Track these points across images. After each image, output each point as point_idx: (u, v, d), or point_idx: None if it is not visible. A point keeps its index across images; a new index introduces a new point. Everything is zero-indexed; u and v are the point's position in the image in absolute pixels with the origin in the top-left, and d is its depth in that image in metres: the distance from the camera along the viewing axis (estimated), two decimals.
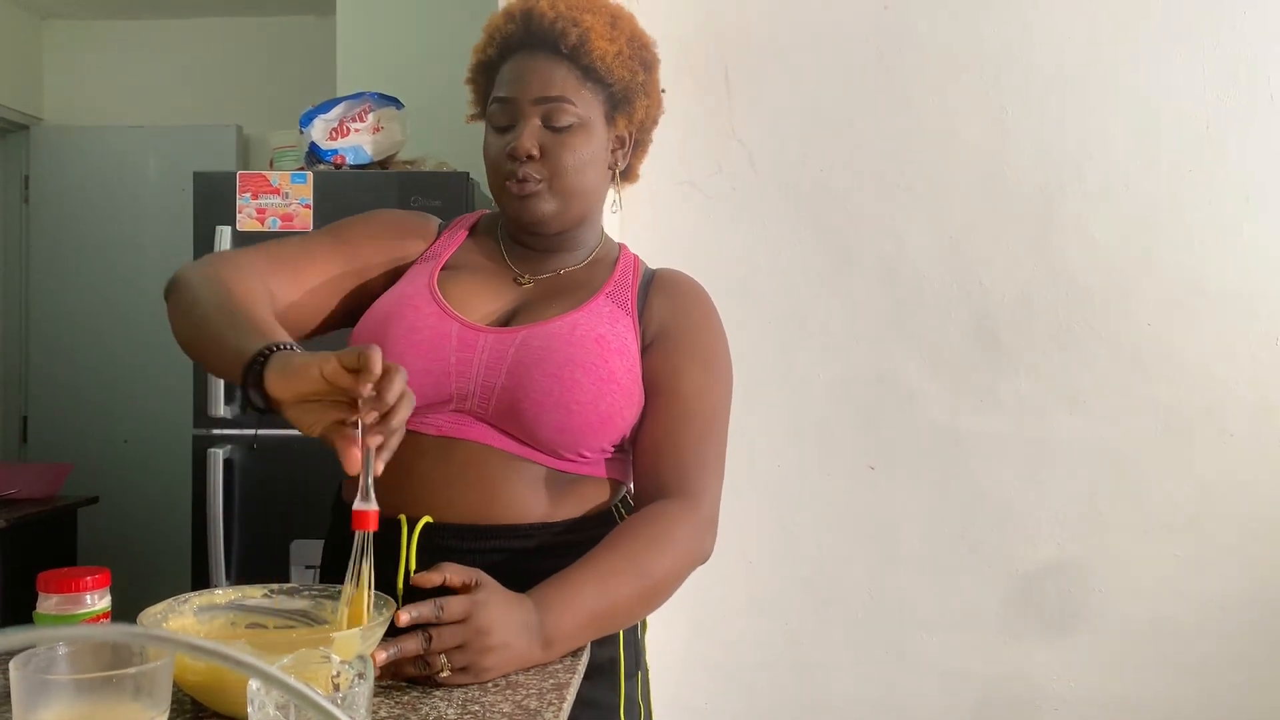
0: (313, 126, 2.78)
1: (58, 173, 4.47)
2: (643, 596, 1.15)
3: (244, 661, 0.47)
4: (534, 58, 1.26)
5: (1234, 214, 2.34)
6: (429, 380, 1.19)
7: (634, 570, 1.13)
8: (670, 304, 1.29)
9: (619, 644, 1.25)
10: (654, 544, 1.15)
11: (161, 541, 3.94)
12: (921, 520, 2.39)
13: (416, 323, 1.22)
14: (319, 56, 3.99)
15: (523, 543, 1.18)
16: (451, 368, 1.19)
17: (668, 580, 1.17)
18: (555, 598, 1.08)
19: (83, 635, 0.85)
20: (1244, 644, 2.34)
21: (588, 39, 1.24)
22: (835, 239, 2.40)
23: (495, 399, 1.18)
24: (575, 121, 1.24)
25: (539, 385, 1.17)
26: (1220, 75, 2.33)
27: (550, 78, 1.24)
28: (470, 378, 1.19)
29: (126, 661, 0.83)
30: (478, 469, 1.18)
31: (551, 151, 1.24)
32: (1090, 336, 2.35)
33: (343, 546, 1.26)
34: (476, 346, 1.20)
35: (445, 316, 1.23)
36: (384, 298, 1.27)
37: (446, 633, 1.00)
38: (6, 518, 3.15)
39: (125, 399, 4.38)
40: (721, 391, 1.28)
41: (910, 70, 2.39)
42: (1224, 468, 2.33)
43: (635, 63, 1.29)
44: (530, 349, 1.19)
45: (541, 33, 1.25)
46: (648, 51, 1.32)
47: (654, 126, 1.38)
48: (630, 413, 1.22)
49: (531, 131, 1.23)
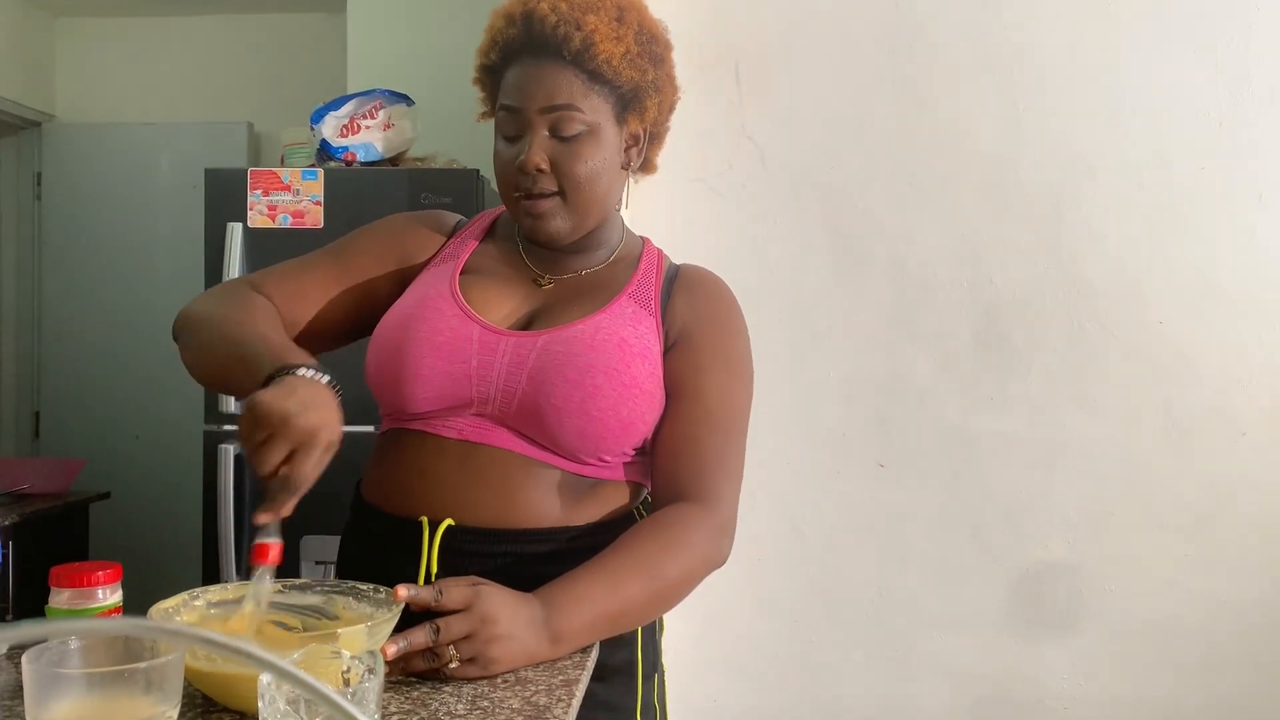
0: (324, 123, 2.79)
1: (70, 169, 4.49)
2: (654, 598, 1.14)
3: (256, 656, 0.47)
4: (538, 64, 1.21)
5: (1247, 212, 2.32)
6: (449, 383, 1.19)
7: (646, 572, 1.13)
8: (693, 303, 1.27)
9: (637, 645, 1.24)
10: (669, 547, 1.15)
11: (173, 537, 3.96)
12: (931, 519, 2.38)
13: (438, 324, 1.21)
14: (330, 54, 4.00)
15: (543, 546, 1.18)
16: (473, 371, 1.19)
17: (680, 583, 1.16)
18: (563, 595, 1.08)
19: (94, 629, 0.85)
20: (1254, 644, 2.33)
21: (592, 42, 1.19)
22: (846, 237, 2.39)
23: (516, 404, 1.18)
24: (584, 130, 1.21)
25: (560, 391, 1.16)
26: (1233, 73, 2.32)
27: (555, 86, 1.20)
28: (491, 382, 1.18)
29: (138, 656, 0.84)
30: (498, 473, 1.18)
31: (561, 163, 1.21)
32: (1102, 336, 2.34)
33: (360, 544, 1.26)
34: (498, 350, 1.20)
35: (467, 319, 1.22)
36: (403, 299, 1.27)
37: (453, 622, 1.00)
38: (19, 513, 3.16)
39: (137, 395, 4.39)
40: (743, 394, 1.27)
41: (922, 68, 2.38)
42: (1235, 467, 2.32)
43: (645, 60, 1.24)
44: (552, 354, 1.18)
45: (544, 38, 1.20)
46: (657, 44, 1.27)
47: (670, 115, 1.33)
48: (652, 417, 1.22)
49: (539, 144, 1.20)
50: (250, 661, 0.47)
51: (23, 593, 3.10)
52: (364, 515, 1.28)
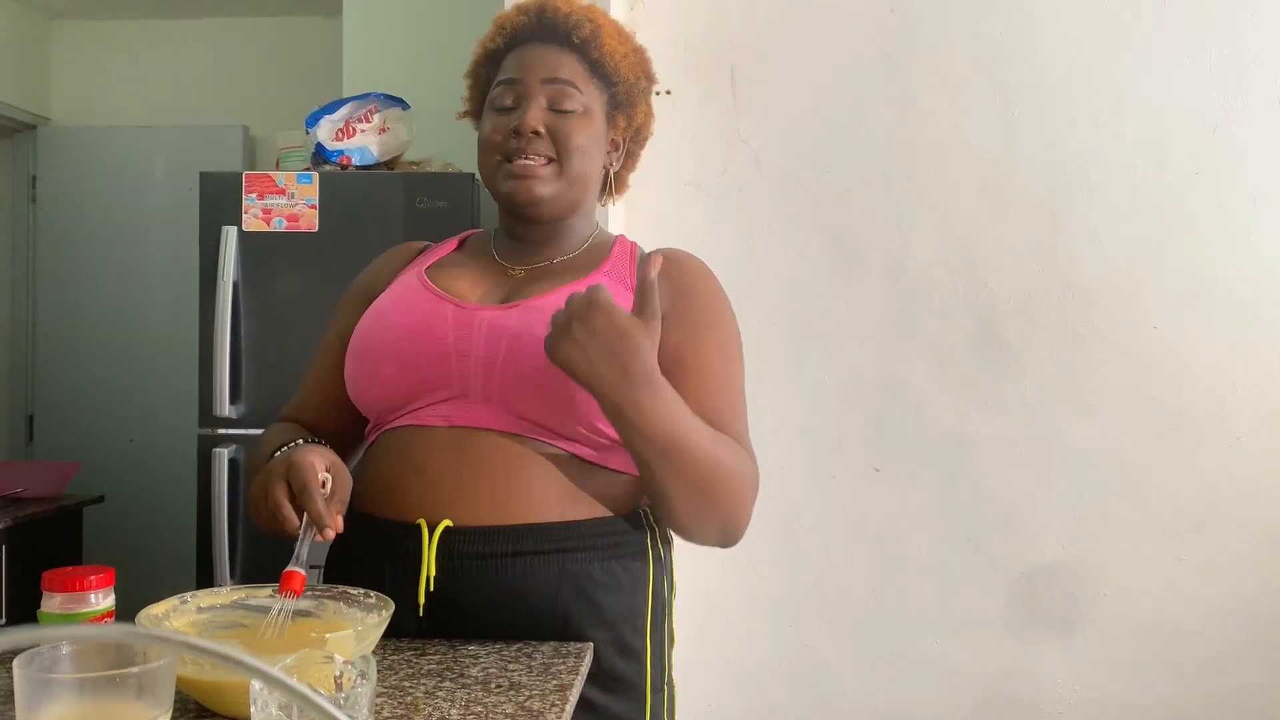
0: (319, 127, 2.78)
1: (65, 173, 4.48)
2: (705, 469, 1.15)
3: (246, 663, 0.46)
4: (544, 47, 1.28)
5: (1242, 217, 2.33)
6: (429, 362, 1.19)
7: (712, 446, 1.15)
8: (672, 280, 1.27)
9: (646, 659, 1.22)
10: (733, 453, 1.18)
11: (166, 541, 3.95)
12: (927, 523, 2.38)
13: (411, 308, 1.22)
14: (326, 57, 3.99)
15: (548, 544, 1.16)
16: (451, 348, 1.19)
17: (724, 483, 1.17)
18: (668, 391, 1.12)
19: (84, 635, 0.85)
20: (1250, 649, 2.33)
21: (600, 35, 1.27)
22: (841, 241, 2.40)
23: (498, 373, 1.17)
24: (580, 109, 1.25)
25: (539, 353, 1.14)
26: (1228, 78, 2.33)
27: (560, 63, 1.26)
28: (471, 357, 1.18)
29: (130, 661, 0.83)
30: (492, 461, 1.16)
31: (558, 131, 1.24)
32: (1097, 340, 2.34)
33: (352, 556, 1.25)
34: (474, 324, 1.20)
35: (440, 300, 1.23)
36: (372, 305, 1.28)
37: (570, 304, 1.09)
38: (12, 516, 3.15)
39: (131, 399, 4.38)
40: (739, 357, 1.30)
41: (916, 72, 2.38)
42: (1231, 471, 2.32)
43: (639, 69, 1.32)
44: (528, 322, 1.18)
45: (554, 25, 1.27)
46: (649, 66, 1.36)
47: (645, 141, 1.39)
48: None
49: (538, 109, 1.24)
50: (240, 669, 0.47)
51: (16, 597, 3.09)
52: (356, 526, 1.27)
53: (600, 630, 1.17)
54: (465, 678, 1.03)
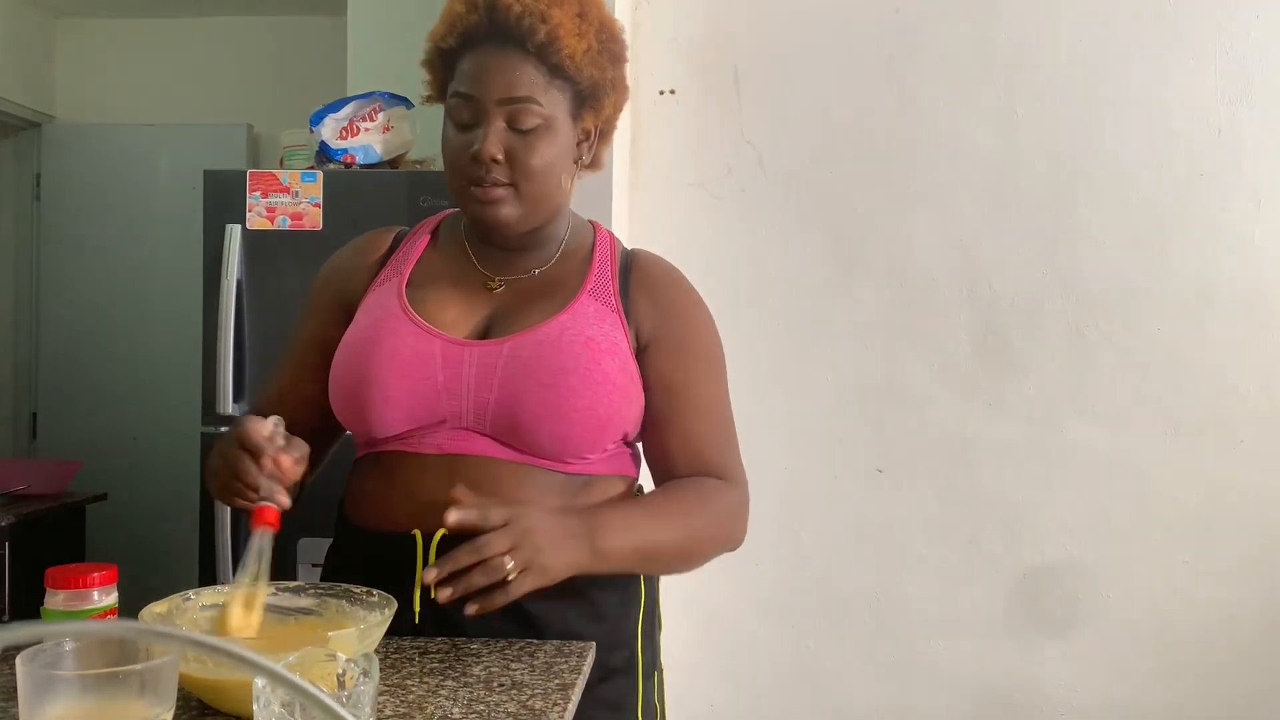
0: (323, 125, 2.78)
1: (69, 170, 4.48)
2: (683, 549, 1.19)
3: (250, 660, 0.47)
4: (499, 53, 1.19)
5: (1245, 219, 2.32)
6: (418, 402, 1.18)
7: (683, 520, 1.18)
8: (655, 302, 1.26)
9: (637, 645, 1.24)
10: (703, 504, 1.21)
11: (169, 538, 3.95)
12: (930, 525, 2.38)
13: (397, 344, 1.19)
14: (330, 56, 3.99)
15: None
16: (440, 387, 1.18)
17: (707, 542, 1.22)
18: (608, 518, 1.13)
19: (87, 631, 0.85)
20: (1253, 652, 2.33)
21: (556, 37, 1.17)
22: (845, 242, 2.39)
23: (491, 414, 1.17)
24: (541, 123, 1.19)
25: (536, 397, 1.15)
26: (1232, 80, 2.32)
27: (516, 77, 1.18)
28: (460, 395, 1.17)
29: (133, 658, 0.84)
30: (486, 481, 1.16)
31: (517, 155, 1.18)
32: (1100, 342, 2.34)
33: (348, 563, 1.25)
34: (463, 362, 1.18)
35: (425, 335, 1.20)
36: (354, 325, 1.25)
37: (495, 538, 1.03)
38: (15, 514, 3.15)
39: (134, 396, 4.39)
40: (724, 378, 1.31)
41: (921, 73, 2.38)
42: (1234, 474, 2.32)
43: (604, 59, 1.23)
44: (520, 360, 1.17)
45: (507, 27, 1.18)
46: (616, 43, 1.26)
47: (619, 114, 1.32)
48: (629, 411, 1.21)
49: (496, 134, 1.18)
50: (244, 666, 0.47)
51: (19, 594, 3.10)
52: (351, 536, 1.26)
53: (595, 625, 1.20)
54: (467, 676, 1.03)
